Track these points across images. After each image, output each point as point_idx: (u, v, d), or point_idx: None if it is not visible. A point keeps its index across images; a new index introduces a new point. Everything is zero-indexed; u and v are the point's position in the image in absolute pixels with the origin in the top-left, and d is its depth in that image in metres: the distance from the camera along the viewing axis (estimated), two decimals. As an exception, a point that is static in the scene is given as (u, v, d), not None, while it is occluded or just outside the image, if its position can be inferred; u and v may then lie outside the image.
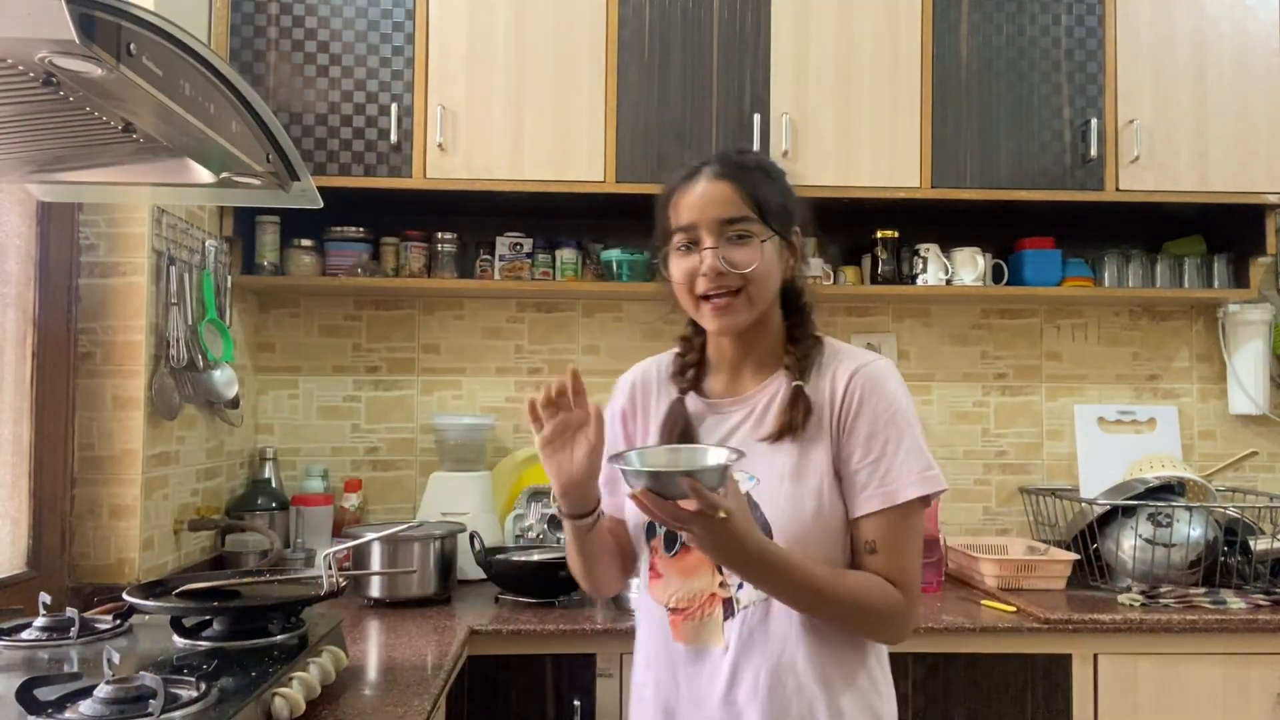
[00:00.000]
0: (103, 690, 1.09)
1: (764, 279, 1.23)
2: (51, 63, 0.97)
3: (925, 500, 1.20)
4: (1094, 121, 2.38)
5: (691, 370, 1.34)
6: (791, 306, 1.32)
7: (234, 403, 2.30)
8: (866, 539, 1.20)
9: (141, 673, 1.14)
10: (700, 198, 1.23)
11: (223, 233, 2.33)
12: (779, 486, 1.21)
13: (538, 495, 2.56)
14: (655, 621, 1.30)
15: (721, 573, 1.23)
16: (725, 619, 1.23)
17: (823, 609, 1.18)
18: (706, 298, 1.23)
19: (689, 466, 1.06)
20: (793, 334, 1.30)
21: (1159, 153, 2.41)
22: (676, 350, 1.38)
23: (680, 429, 1.30)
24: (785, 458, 1.22)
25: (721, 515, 1.03)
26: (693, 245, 1.24)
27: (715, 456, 1.12)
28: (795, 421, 1.22)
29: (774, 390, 1.27)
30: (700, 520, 1.04)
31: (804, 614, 1.20)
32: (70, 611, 1.50)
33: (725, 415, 1.29)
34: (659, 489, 1.03)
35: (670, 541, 1.27)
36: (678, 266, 1.25)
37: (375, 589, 2.12)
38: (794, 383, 1.25)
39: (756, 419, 1.27)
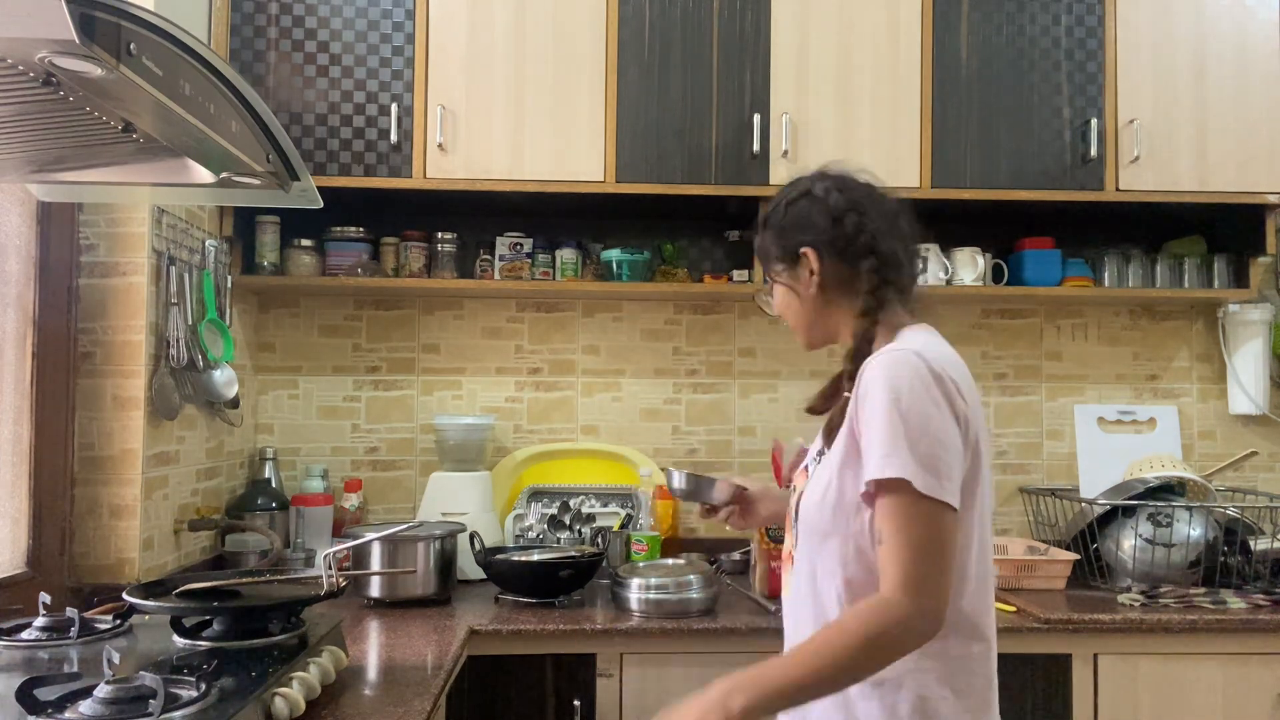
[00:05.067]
0: (103, 690, 1.09)
1: (789, 316, 1.40)
2: (51, 63, 0.97)
3: (911, 491, 1.12)
4: (1094, 121, 2.38)
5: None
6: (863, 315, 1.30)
7: (234, 403, 2.30)
8: (875, 529, 1.18)
9: (141, 673, 1.14)
10: None
11: (223, 233, 2.33)
12: (813, 478, 1.30)
13: (538, 495, 2.57)
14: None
15: (791, 531, 1.37)
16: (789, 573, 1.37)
17: (823, 686, 1.14)
18: None
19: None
20: (857, 345, 1.29)
21: (1159, 153, 2.41)
22: None
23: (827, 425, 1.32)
24: (827, 455, 1.29)
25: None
26: None
27: (709, 483, 1.60)
28: (832, 424, 1.28)
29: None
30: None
31: (829, 692, 1.17)
32: (70, 611, 1.50)
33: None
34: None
35: None
36: None
37: (375, 589, 2.12)
38: (845, 394, 1.25)
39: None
